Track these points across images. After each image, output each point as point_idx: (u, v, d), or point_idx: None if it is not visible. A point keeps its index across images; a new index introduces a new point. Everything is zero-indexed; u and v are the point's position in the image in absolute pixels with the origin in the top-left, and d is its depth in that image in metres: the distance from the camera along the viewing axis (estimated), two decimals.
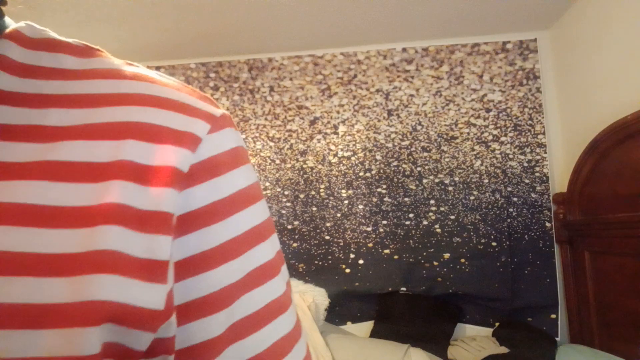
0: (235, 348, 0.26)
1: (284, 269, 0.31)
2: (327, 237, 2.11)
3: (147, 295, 0.23)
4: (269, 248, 0.29)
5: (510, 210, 2.02)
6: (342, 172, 2.15)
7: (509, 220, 2.01)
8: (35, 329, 0.20)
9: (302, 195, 2.15)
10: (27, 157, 0.23)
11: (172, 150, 0.25)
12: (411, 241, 2.07)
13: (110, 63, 0.28)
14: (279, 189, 2.16)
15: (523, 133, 2.05)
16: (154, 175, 0.24)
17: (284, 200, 2.15)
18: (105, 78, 0.27)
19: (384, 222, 2.09)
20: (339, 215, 2.12)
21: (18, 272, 0.20)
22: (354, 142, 2.16)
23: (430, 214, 2.07)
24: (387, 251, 2.07)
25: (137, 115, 0.25)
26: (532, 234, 1.99)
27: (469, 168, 2.07)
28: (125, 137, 0.24)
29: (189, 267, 0.25)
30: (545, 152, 2.03)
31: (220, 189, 0.27)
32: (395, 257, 2.07)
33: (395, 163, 2.13)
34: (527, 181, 2.02)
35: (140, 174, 0.24)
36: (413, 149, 2.12)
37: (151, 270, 0.23)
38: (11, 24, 0.28)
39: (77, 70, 0.27)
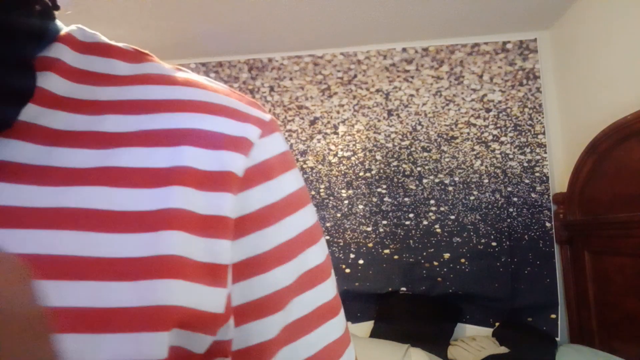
0: (289, 350, 0.26)
1: (333, 272, 0.31)
2: (327, 237, 2.11)
3: (210, 299, 0.23)
4: (320, 251, 0.29)
5: (510, 210, 2.01)
6: (342, 172, 2.15)
7: (509, 220, 2.01)
8: (101, 332, 0.20)
9: None
10: (86, 164, 0.23)
11: (228, 155, 0.25)
12: (411, 241, 2.07)
13: (161, 68, 0.29)
14: None
15: (523, 133, 2.05)
16: (212, 180, 0.25)
17: None
18: (157, 84, 0.27)
19: (384, 222, 2.09)
20: (339, 215, 2.12)
21: (82, 276, 0.20)
22: (354, 142, 2.16)
23: (430, 214, 2.07)
24: (387, 251, 2.07)
25: (193, 122, 0.26)
26: (532, 234, 1.99)
27: (469, 168, 2.07)
28: (182, 143, 0.25)
29: (245, 270, 0.25)
30: (545, 152, 2.03)
31: (273, 192, 0.27)
32: (395, 257, 2.07)
33: (395, 163, 2.13)
34: (527, 181, 2.02)
35: (199, 179, 0.24)
36: (413, 149, 2.12)
37: (213, 274, 0.24)
38: (62, 27, 0.29)
39: (130, 75, 0.27)
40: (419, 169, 2.11)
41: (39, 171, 0.22)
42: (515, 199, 2.02)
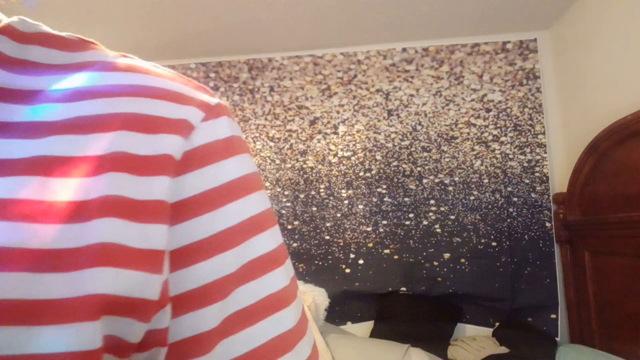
0: (228, 342, 0.25)
1: (288, 263, 0.30)
2: (327, 237, 2.11)
3: (144, 286, 0.22)
4: (268, 240, 0.28)
5: (510, 210, 2.01)
6: (342, 172, 2.15)
7: (509, 220, 2.01)
8: (32, 325, 0.20)
9: (302, 195, 2.15)
10: (21, 154, 0.23)
11: (165, 138, 0.25)
12: (411, 241, 2.07)
13: (103, 55, 0.28)
14: (279, 189, 2.16)
15: (523, 133, 2.05)
16: (147, 164, 0.24)
17: (284, 200, 2.15)
18: (97, 70, 0.26)
19: (384, 222, 2.09)
20: (339, 215, 2.12)
21: (11, 267, 0.20)
22: (354, 142, 2.16)
23: (430, 214, 2.07)
24: (387, 251, 2.07)
25: (129, 107, 0.25)
26: (532, 234, 1.99)
27: (469, 168, 2.07)
28: (116, 128, 0.24)
29: (182, 258, 0.24)
30: (545, 152, 2.03)
31: (212, 177, 0.26)
32: (395, 257, 2.07)
33: (395, 163, 2.13)
34: (527, 181, 2.02)
35: (134, 164, 0.24)
36: (413, 149, 2.12)
37: (148, 260, 0.23)
38: (3, 19, 0.28)
39: (69, 64, 0.27)
40: (419, 169, 2.11)
41: None
42: (515, 199, 2.02)
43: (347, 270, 2.07)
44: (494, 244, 2.00)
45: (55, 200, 0.22)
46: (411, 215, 2.09)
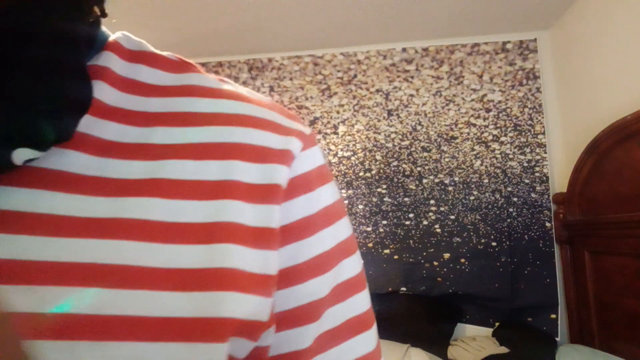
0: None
1: (367, 285, 0.31)
2: None
3: (259, 309, 0.24)
4: (354, 263, 0.30)
5: (510, 210, 2.01)
6: (342, 172, 2.15)
7: (509, 220, 2.01)
8: (156, 341, 0.20)
9: None
10: (137, 175, 0.23)
11: (275, 168, 0.26)
12: (411, 241, 2.07)
13: (205, 79, 0.29)
14: None
15: (523, 133, 2.05)
16: (261, 193, 0.25)
17: None
18: (203, 96, 0.28)
19: (384, 222, 2.09)
20: None
21: (138, 285, 0.21)
22: (354, 142, 2.16)
23: (430, 214, 2.07)
24: (387, 251, 2.07)
25: (240, 136, 0.26)
26: (532, 234, 1.99)
27: (469, 168, 2.07)
28: (230, 157, 0.25)
29: (283, 279, 0.26)
30: (545, 152, 2.03)
31: (312, 204, 0.28)
32: (395, 257, 2.07)
33: (395, 163, 2.13)
34: (527, 181, 2.02)
35: (249, 192, 0.25)
36: (413, 149, 2.12)
37: (264, 285, 0.24)
38: (109, 34, 0.29)
39: (174, 86, 0.28)
40: (419, 169, 2.11)
41: (93, 182, 0.23)
42: (515, 199, 2.02)
43: None
44: (494, 244, 2.00)
45: (175, 222, 0.23)
46: (411, 215, 2.09)
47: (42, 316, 0.19)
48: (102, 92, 0.25)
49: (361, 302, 0.29)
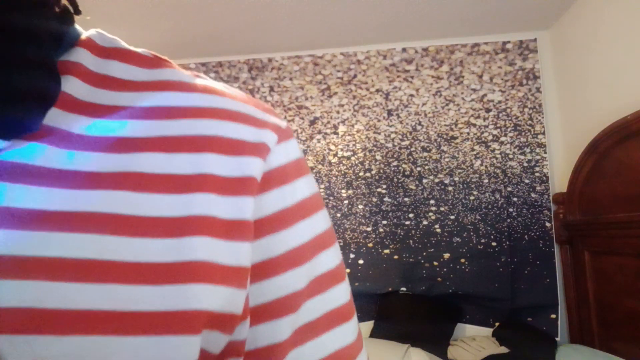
0: (297, 352, 0.26)
1: (347, 279, 0.31)
2: None
3: (232, 301, 0.24)
4: (332, 256, 0.30)
5: (510, 210, 2.01)
6: (342, 172, 2.15)
7: (509, 220, 2.01)
8: (125, 335, 0.20)
9: None
10: (107, 168, 0.23)
11: (248, 161, 0.26)
12: (411, 241, 2.07)
13: (179, 74, 0.29)
14: None
15: (523, 133, 2.05)
16: (234, 185, 0.25)
17: None
18: (176, 90, 0.28)
19: (384, 222, 2.09)
20: (338, 215, 2.12)
21: (106, 279, 0.20)
22: (354, 142, 2.16)
23: (430, 214, 2.07)
24: (387, 251, 2.07)
25: (213, 129, 0.26)
26: (532, 234, 1.99)
27: (469, 168, 2.07)
28: (203, 150, 0.25)
29: (259, 272, 0.26)
30: (545, 152, 2.03)
31: (287, 197, 0.28)
32: (395, 257, 2.07)
33: (395, 163, 2.13)
34: (527, 181, 2.02)
35: (222, 185, 0.25)
36: (413, 149, 2.12)
37: (237, 276, 0.24)
38: (82, 31, 0.29)
39: (148, 81, 0.28)
40: (419, 169, 2.11)
41: (61, 174, 0.22)
42: (515, 199, 2.02)
43: (347, 270, 2.07)
44: (494, 244, 2.00)
45: (145, 215, 0.23)
46: (411, 215, 2.09)
47: (3, 310, 0.19)
48: (73, 86, 0.25)
49: (340, 294, 0.29)
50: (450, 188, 2.07)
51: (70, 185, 0.22)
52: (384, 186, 2.12)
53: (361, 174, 2.14)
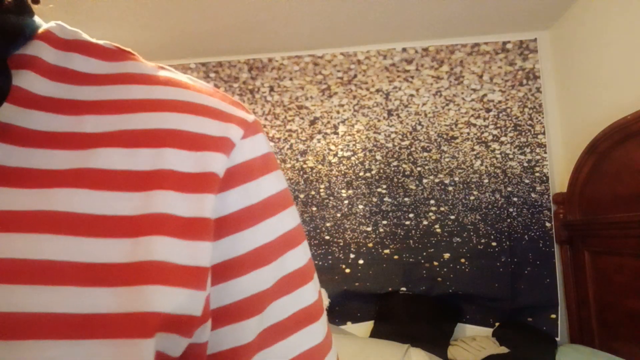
0: (263, 355, 0.26)
1: (316, 277, 0.30)
2: (327, 237, 2.11)
3: (191, 303, 0.23)
4: (300, 255, 0.29)
5: (510, 210, 2.01)
6: (342, 172, 2.15)
7: (509, 220, 2.01)
8: (79, 339, 0.19)
9: (302, 195, 2.15)
10: (64, 165, 0.22)
11: (210, 156, 0.25)
12: (411, 241, 2.07)
13: (142, 67, 0.28)
14: None
15: (523, 133, 2.05)
16: (194, 182, 0.24)
17: None
18: (138, 83, 0.26)
19: (384, 222, 2.09)
20: (339, 215, 2.12)
21: (60, 281, 0.20)
22: (354, 142, 2.16)
23: (430, 214, 2.07)
24: (387, 251, 2.07)
25: (174, 123, 0.25)
26: (532, 234, 1.99)
27: (469, 168, 2.07)
28: (163, 145, 0.24)
29: (222, 272, 0.25)
30: (545, 152, 2.03)
31: (252, 194, 0.27)
32: (395, 257, 2.07)
33: (395, 163, 2.13)
34: (527, 181, 2.02)
35: (181, 182, 0.24)
36: (413, 149, 2.12)
37: (194, 277, 0.23)
38: (42, 24, 0.28)
39: (110, 74, 0.27)
40: (419, 169, 2.11)
41: (16, 173, 0.22)
42: (515, 199, 2.02)
43: (347, 270, 2.07)
44: (494, 244, 2.00)
45: (102, 214, 0.22)
46: (411, 215, 2.09)
47: None
48: (30, 81, 0.24)
49: (308, 294, 0.28)
50: (450, 188, 2.07)
51: (24, 184, 0.21)
52: (384, 186, 2.12)
53: (361, 174, 2.14)
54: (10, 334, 0.18)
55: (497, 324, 1.95)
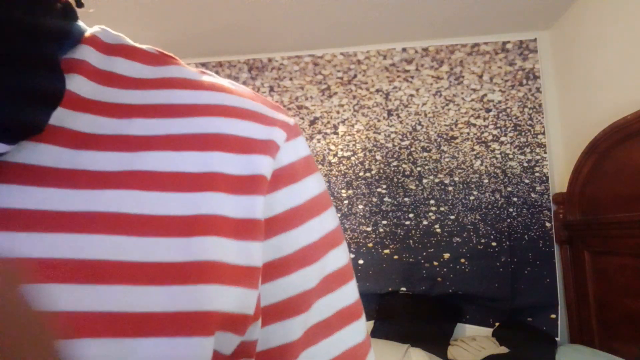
0: (309, 353, 0.26)
1: (354, 277, 0.31)
2: None
3: (245, 302, 0.23)
4: (341, 254, 0.29)
5: (510, 210, 2.01)
6: (342, 172, 2.15)
7: (509, 220, 2.01)
8: (134, 337, 0.20)
9: None
10: (113, 167, 0.23)
11: (257, 159, 0.26)
12: (411, 241, 2.07)
13: (186, 72, 0.29)
14: None
15: (523, 133, 2.05)
16: (244, 184, 0.25)
17: None
18: (183, 88, 0.27)
19: (384, 222, 2.09)
20: (338, 215, 2.12)
21: (115, 280, 0.20)
22: (354, 142, 2.16)
23: (430, 214, 2.07)
24: (387, 251, 2.07)
25: (220, 127, 0.26)
26: (532, 234, 1.99)
27: (469, 168, 2.07)
28: (211, 148, 0.25)
29: (270, 271, 0.26)
30: (545, 152, 2.03)
31: (298, 195, 0.27)
32: (395, 257, 2.07)
33: (395, 163, 2.13)
34: (527, 181, 2.02)
35: (231, 184, 0.25)
36: (413, 149, 2.12)
37: (248, 277, 0.24)
38: (86, 28, 0.29)
39: (154, 79, 0.27)
40: (419, 169, 2.11)
41: (68, 175, 0.22)
42: (515, 199, 2.02)
43: None
44: (494, 244, 2.00)
45: (154, 214, 0.22)
46: (411, 215, 2.09)
47: None
48: (78, 84, 0.25)
49: (350, 292, 0.29)
50: (450, 188, 2.07)
51: (78, 185, 0.22)
52: (384, 186, 2.12)
53: (361, 174, 2.14)
54: (64, 334, 0.19)
55: (497, 324, 1.95)
